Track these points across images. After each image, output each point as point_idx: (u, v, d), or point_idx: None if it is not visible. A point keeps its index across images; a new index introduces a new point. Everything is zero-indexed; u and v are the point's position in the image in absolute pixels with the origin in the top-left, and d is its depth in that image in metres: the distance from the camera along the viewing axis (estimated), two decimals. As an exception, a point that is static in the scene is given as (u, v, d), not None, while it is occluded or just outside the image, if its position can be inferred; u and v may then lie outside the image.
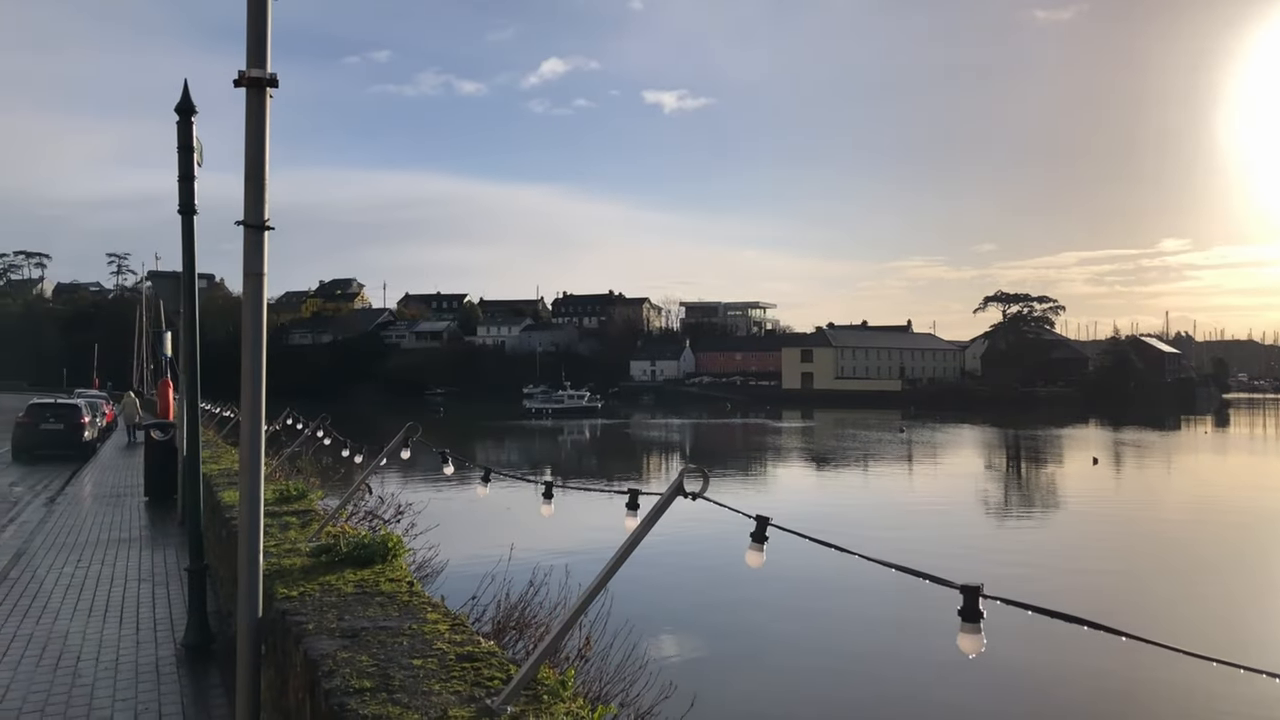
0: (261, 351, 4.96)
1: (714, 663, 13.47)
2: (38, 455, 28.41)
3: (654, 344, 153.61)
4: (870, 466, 48.21)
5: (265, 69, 4.90)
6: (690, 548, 18.78)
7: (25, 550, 12.37)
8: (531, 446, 66.34)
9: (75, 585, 10.18)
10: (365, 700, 3.44)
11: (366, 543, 5.88)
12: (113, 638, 8.08)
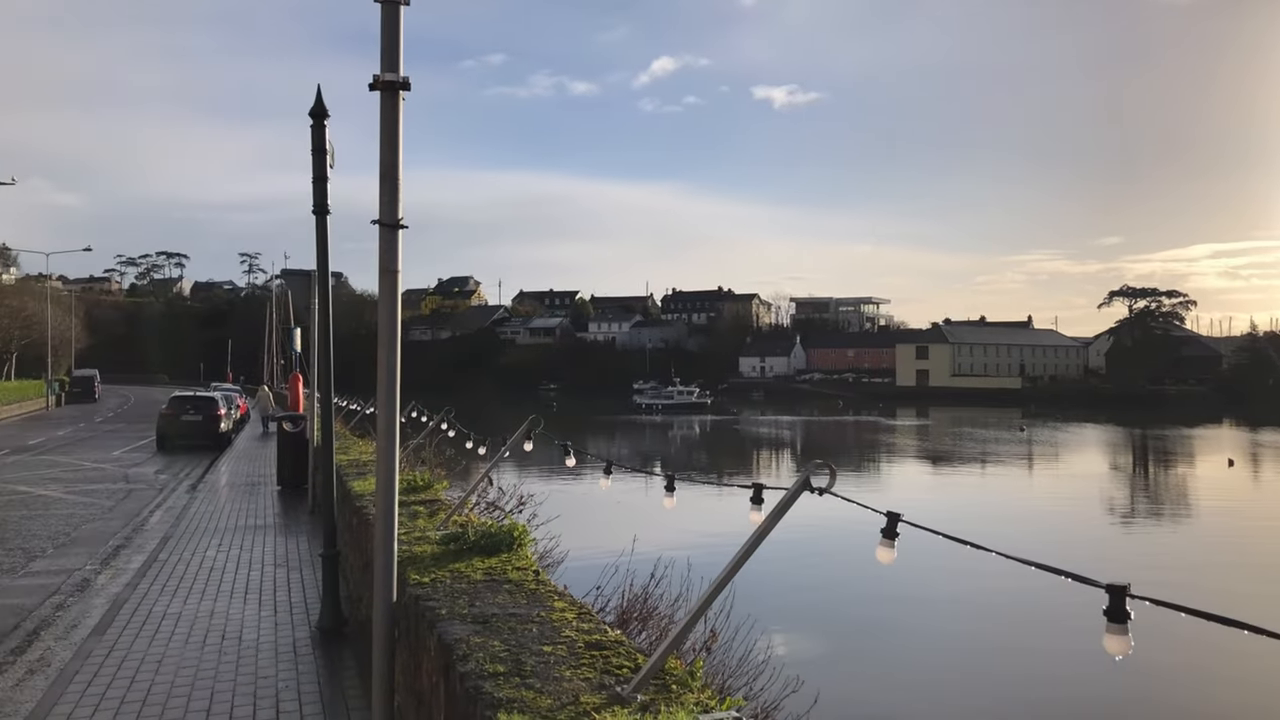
0: (396, 346, 5.15)
1: (836, 660, 13.35)
2: (178, 445, 30.06)
3: (763, 340, 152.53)
4: (989, 466, 46.86)
5: (398, 73, 5.07)
6: (808, 544, 18.62)
7: (171, 534, 13.11)
8: (642, 441, 66.77)
9: (217, 568, 10.74)
10: (499, 684, 3.54)
11: (493, 532, 6.03)
12: (253, 618, 8.51)
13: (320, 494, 9.65)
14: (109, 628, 8.20)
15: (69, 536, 13.43)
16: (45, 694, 6.48)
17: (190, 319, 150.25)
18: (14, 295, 69.83)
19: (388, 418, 5.08)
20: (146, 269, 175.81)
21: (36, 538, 13.26)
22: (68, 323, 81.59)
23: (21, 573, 10.85)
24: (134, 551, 12.06)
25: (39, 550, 12.29)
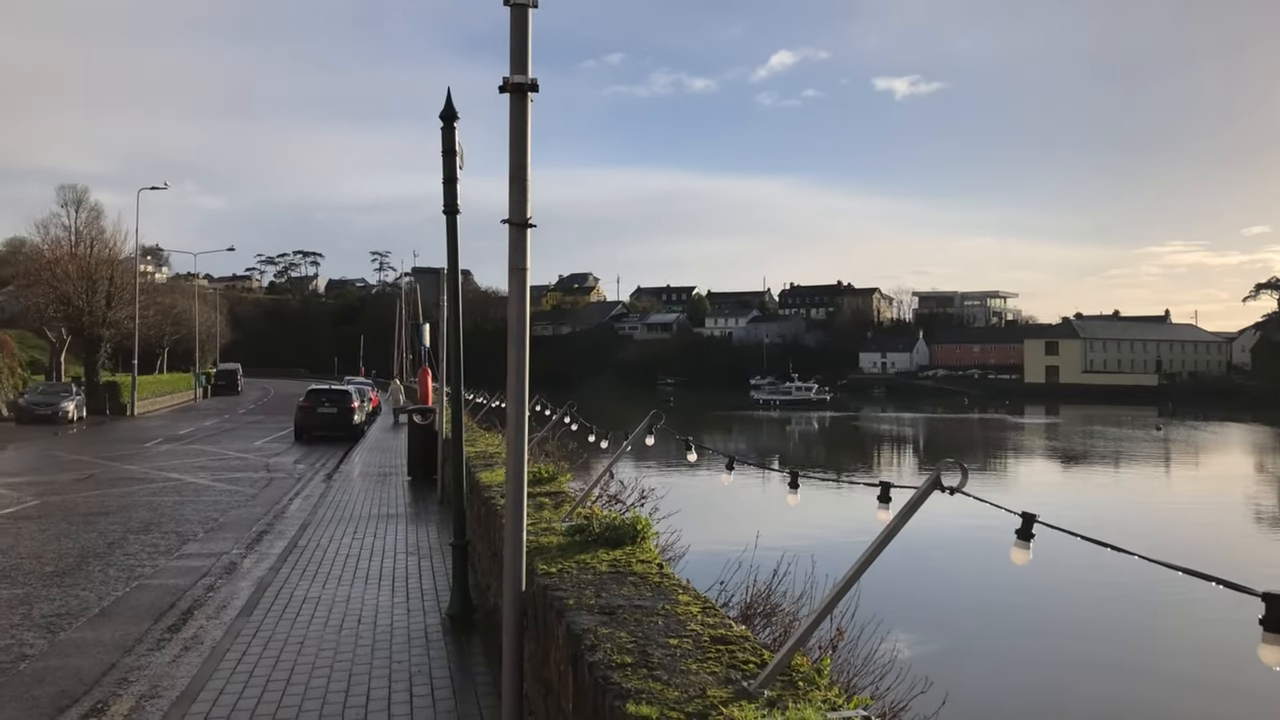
0: (525, 342, 5.28)
1: (964, 661, 13.02)
2: (315, 436, 31.44)
3: (884, 335, 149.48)
4: (1124, 466, 44.80)
5: (527, 75, 5.19)
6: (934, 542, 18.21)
7: (310, 522, 13.74)
8: (759, 436, 66.40)
9: (352, 555, 11.21)
10: (627, 675, 3.60)
11: (617, 525, 6.11)
12: (386, 605, 8.85)
13: (450, 485, 9.94)
14: (255, 609, 8.65)
15: (217, 522, 14.22)
16: (199, 670, 6.89)
17: (325, 315, 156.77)
18: (165, 293, 74.18)
19: (517, 412, 5.21)
20: (284, 267, 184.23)
21: (188, 522, 14.09)
22: (213, 319, 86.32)
23: (176, 555, 11.55)
24: (275, 537, 12.69)
25: (191, 534, 13.05)
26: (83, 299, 48.13)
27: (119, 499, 16.47)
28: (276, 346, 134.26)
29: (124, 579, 10.11)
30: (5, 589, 9.46)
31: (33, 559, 11.01)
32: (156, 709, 6.14)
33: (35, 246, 53.53)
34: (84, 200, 52.31)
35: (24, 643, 7.66)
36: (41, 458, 24.53)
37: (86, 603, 9.04)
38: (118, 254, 51.88)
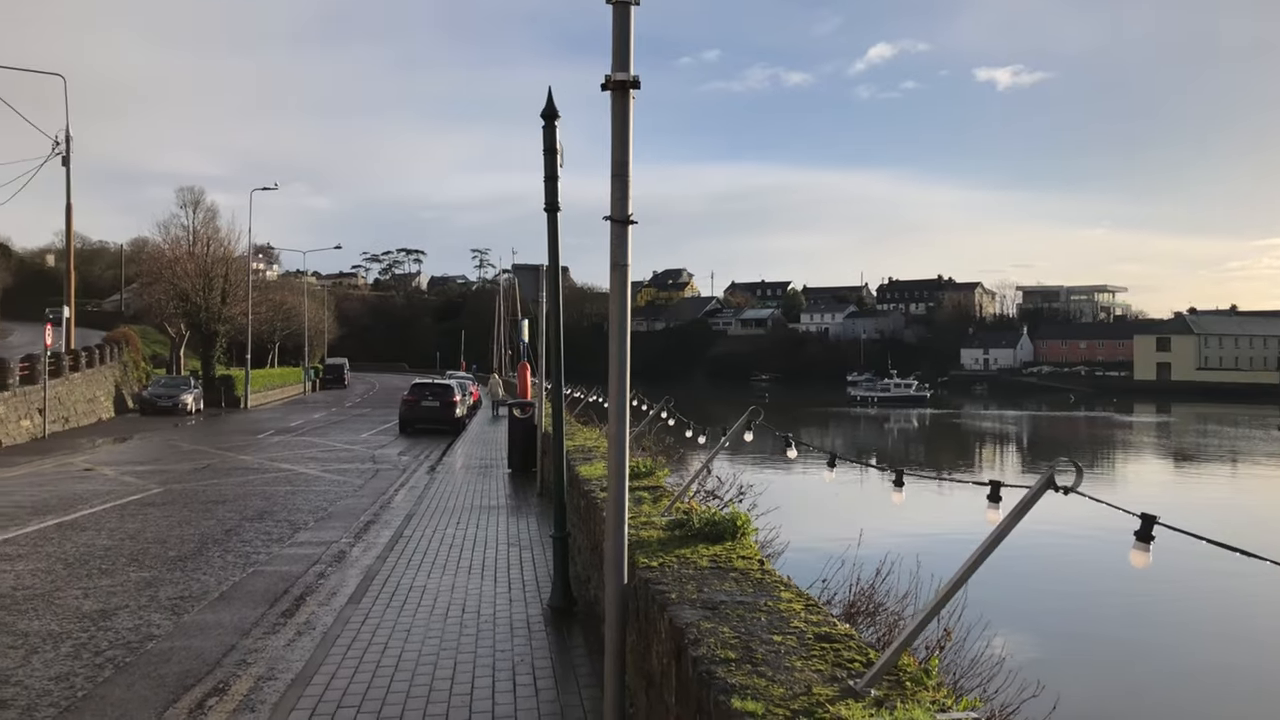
0: (626, 337, 5.32)
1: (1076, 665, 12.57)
2: (418, 429, 32.25)
3: (987, 331, 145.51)
4: (1241, 467, 42.70)
5: (629, 72, 5.22)
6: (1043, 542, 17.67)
7: (415, 512, 14.10)
8: (856, 433, 65.42)
9: (456, 545, 11.47)
10: (731, 670, 3.61)
11: (717, 520, 6.12)
12: (489, 595, 9.03)
13: (551, 478, 10.08)
14: (363, 597, 8.93)
15: (326, 511, 14.71)
16: (312, 654, 7.15)
17: (427, 311, 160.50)
18: (276, 290, 77.02)
19: (619, 406, 5.25)
20: (389, 265, 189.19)
21: (300, 511, 14.61)
22: (321, 315, 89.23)
23: (288, 543, 11.99)
24: (382, 527, 13.07)
25: (302, 523, 13.54)
26: (200, 296, 50.31)
27: (235, 488, 17.19)
28: (380, 342, 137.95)
29: (240, 565, 10.54)
30: (135, 571, 9.97)
31: (158, 544, 11.57)
32: (273, 690, 6.39)
33: (157, 246, 56.16)
34: (201, 201, 54.72)
35: (151, 623, 8.06)
36: (163, 447, 25.75)
37: (207, 587, 9.46)
38: (232, 252, 54.06)
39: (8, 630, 7.68)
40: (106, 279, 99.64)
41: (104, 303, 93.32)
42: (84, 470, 19.73)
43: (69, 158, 36.43)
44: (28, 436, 27.34)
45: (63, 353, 33.42)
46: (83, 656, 7.08)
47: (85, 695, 6.26)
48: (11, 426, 26.34)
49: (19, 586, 9.17)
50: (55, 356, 31.18)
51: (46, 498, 15.41)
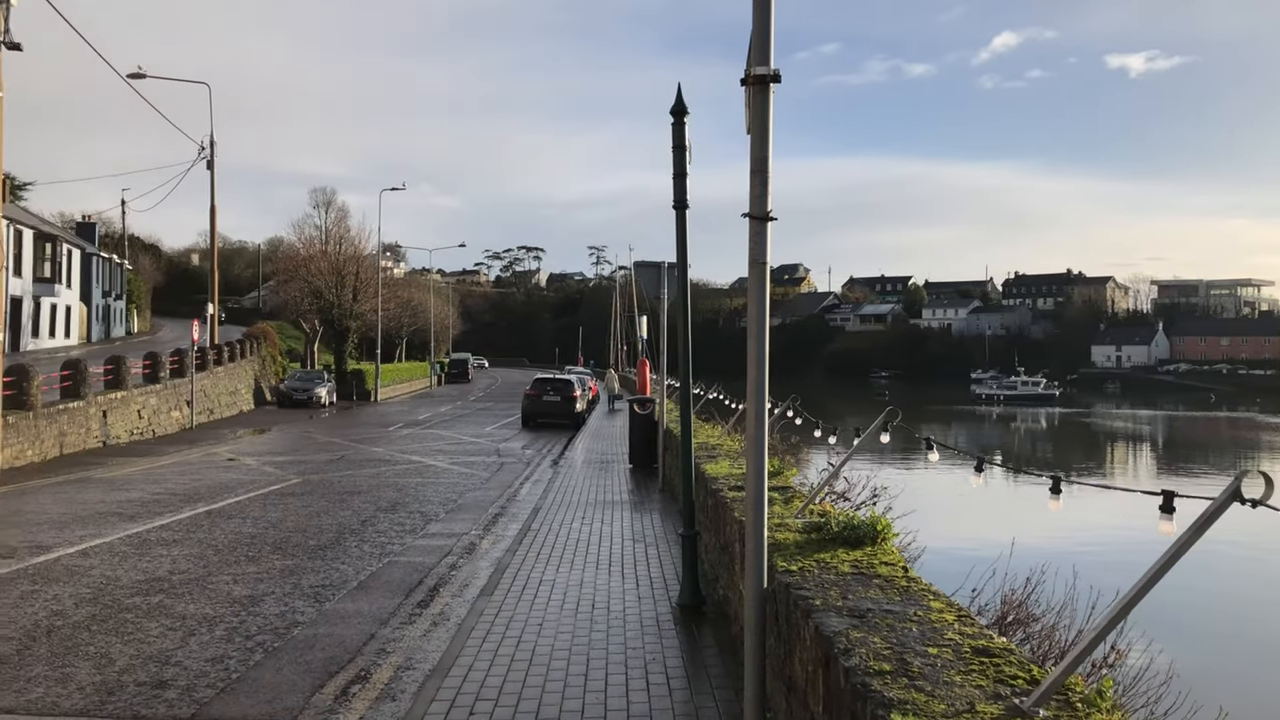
0: (765, 336, 5.22)
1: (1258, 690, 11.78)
2: (539, 423, 32.78)
3: (1119, 327, 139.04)
4: None
5: (769, 66, 5.12)
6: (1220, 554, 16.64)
7: (541, 506, 14.30)
8: (981, 432, 63.47)
9: (582, 540, 11.56)
10: (887, 683, 3.48)
11: (855, 524, 5.96)
12: (617, 591, 9.05)
13: (681, 476, 10.06)
14: (495, 589, 9.08)
15: (455, 503, 15.06)
16: (449, 645, 7.30)
17: (545, 307, 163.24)
18: (404, 287, 79.47)
19: (758, 406, 5.16)
20: (509, 262, 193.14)
21: (431, 503, 15.00)
22: (446, 311, 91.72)
23: (421, 534, 12.31)
24: (509, 520, 13.29)
25: (433, 515, 13.88)
26: (333, 293, 52.33)
27: (368, 479, 17.77)
28: (501, 337, 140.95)
29: (376, 555, 10.86)
30: (279, 560, 10.39)
31: (299, 533, 12.04)
32: (412, 680, 6.55)
33: (291, 245, 58.76)
34: (333, 202, 57.04)
35: (296, 610, 8.37)
36: (300, 439, 26.86)
37: (346, 576, 9.78)
38: (362, 251, 56.04)
39: (168, 613, 8.10)
40: (245, 277, 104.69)
41: (243, 300, 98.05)
42: (228, 460, 20.72)
43: (213, 162, 38.37)
44: (177, 427, 28.93)
45: (207, 348, 35.23)
46: (235, 640, 7.40)
47: (239, 678, 6.53)
48: (163, 417, 27.91)
49: (175, 571, 9.67)
50: (201, 351, 32.91)
51: (195, 486, 16.23)
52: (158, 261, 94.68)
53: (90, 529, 11.81)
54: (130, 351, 30.82)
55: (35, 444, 19.34)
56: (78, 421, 21.62)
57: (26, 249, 45.19)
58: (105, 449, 22.41)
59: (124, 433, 24.53)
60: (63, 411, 20.93)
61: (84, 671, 6.54)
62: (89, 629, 7.55)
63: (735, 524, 7.28)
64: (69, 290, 52.37)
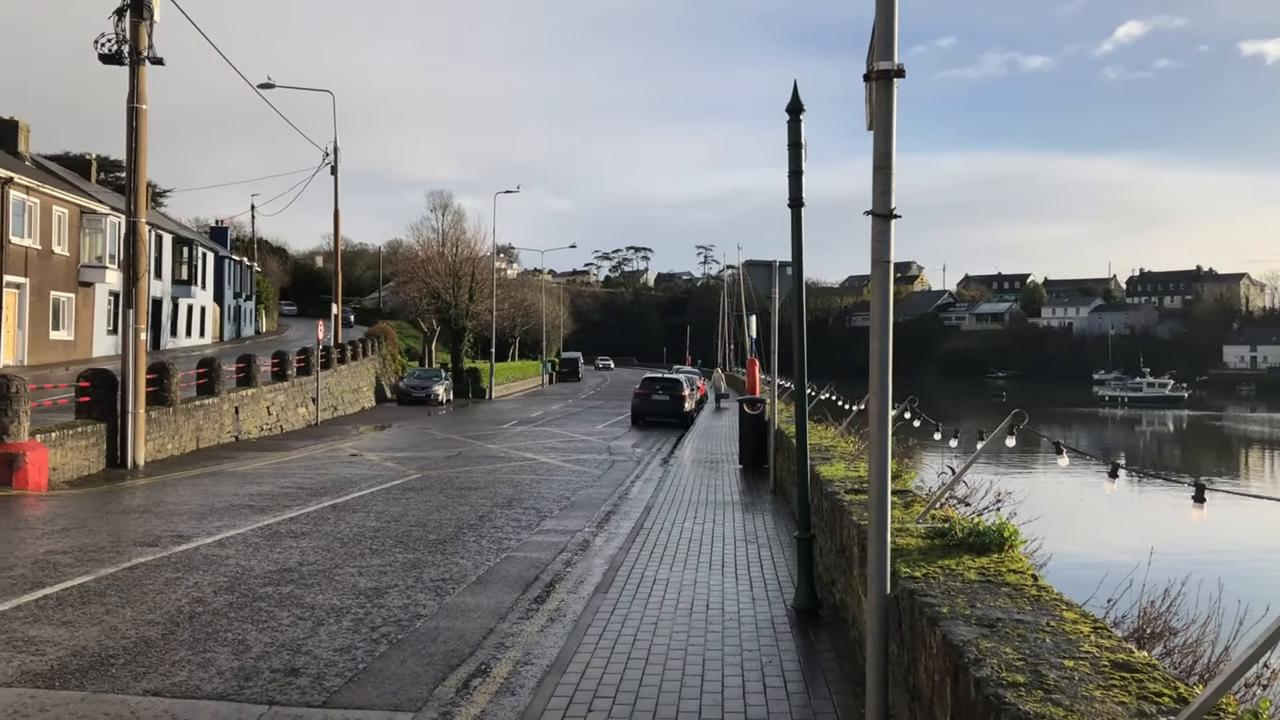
0: (888, 335, 5.14)
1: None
2: (648, 421, 32.94)
3: (1255, 326, 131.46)
4: None
5: (893, 61, 5.04)
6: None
7: (652, 505, 14.36)
8: (1105, 435, 60.94)
9: (694, 540, 11.56)
10: (1021, 696, 3.37)
11: (981, 530, 5.80)
12: (731, 592, 9.02)
13: (787, 477, 9.97)
14: (610, 587, 9.15)
15: (569, 500, 15.24)
16: (566, 641, 7.39)
17: (653, 307, 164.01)
18: (517, 288, 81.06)
19: (880, 407, 5.07)
20: (618, 262, 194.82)
21: (544, 500, 15.22)
22: (557, 311, 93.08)
23: (536, 530, 12.50)
24: (621, 518, 13.38)
25: (547, 511, 14.09)
26: (449, 293, 53.75)
27: (485, 475, 18.15)
28: (610, 336, 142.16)
29: (494, 550, 11.08)
30: (401, 553, 10.70)
31: (419, 527, 12.37)
32: (531, 675, 6.64)
33: (410, 247, 60.54)
34: (449, 205, 58.60)
35: (418, 603, 8.60)
36: (419, 435, 27.63)
37: (465, 570, 10.00)
38: (477, 252, 57.34)
39: (298, 603, 8.43)
40: (367, 278, 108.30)
41: (364, 300, 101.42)
42: (351, 455, 21.45)
43: (337, 167, 39.78)
44: (303, 423, 30.12)
45: (331, 347, 36.56)
46: (361, 631, 7.64)
47: (365, 668, 6.75)
48: (290, 413, 29.09)
49: (304, 562, 10.06)
50: (325, 350, 34.18)
51: (321, 480, 16.86)
52: (284, 263, 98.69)
53: (225, 520, 12.39)
54: (259, 350, 32.20)
55: (175, 438, 20.41)
56: (213, 417, 22.72)
57: (166, 253, 47.75)
58: (237, 444, 23.48)
59: (254, 428, 25.66)
60: (199, 407, 22.02)
61: (223, 657, 6.86)
62: (226, 616, 7.91)
63: (853, 527, 7.16)
64: (204, 292, 55.07)
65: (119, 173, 58.24)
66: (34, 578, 8.99)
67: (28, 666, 6.50)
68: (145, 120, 17.91)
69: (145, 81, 17.76)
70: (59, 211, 36.60)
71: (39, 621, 7.58)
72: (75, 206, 37.98)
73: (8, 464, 14.20)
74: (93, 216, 38.98)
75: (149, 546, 10.58)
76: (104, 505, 13.66)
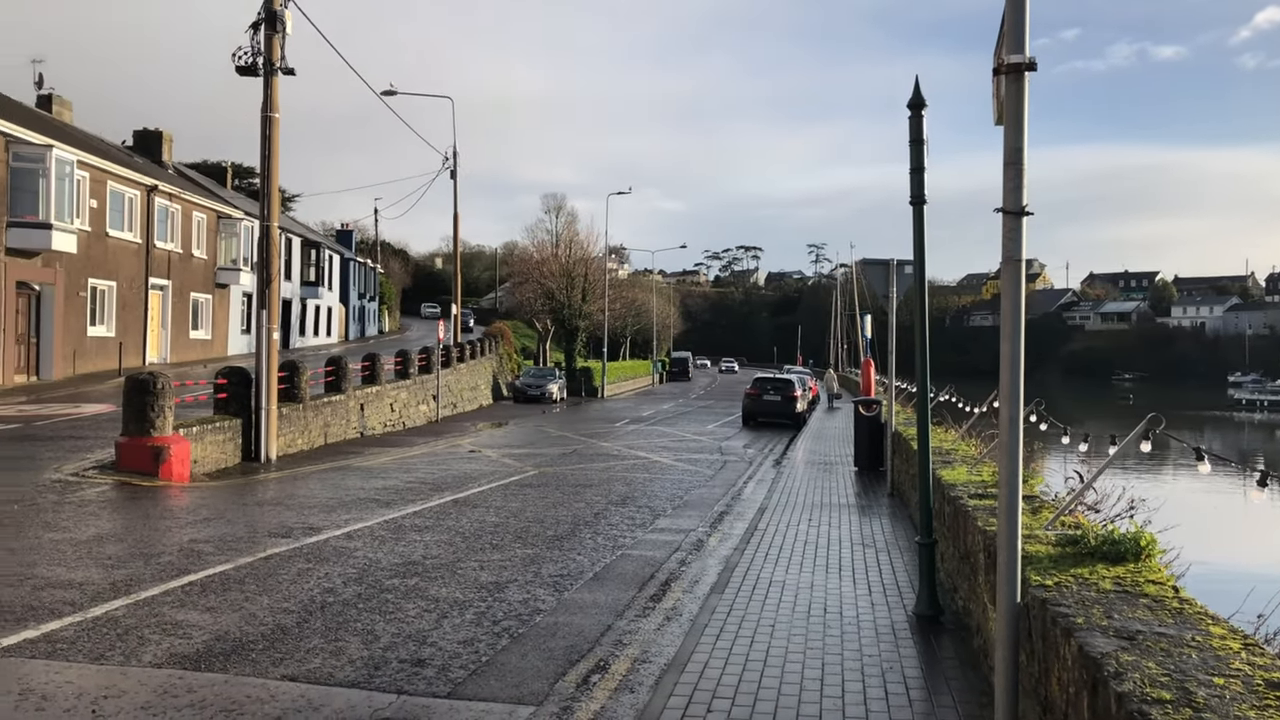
0: (1019, 337, 4.98)
1: None
2: (760, 422, 32.74)
3: None
4: None
5: (1024, 54, 4.90)
6: None
7: (766, 506, 14.27)
8: (1241, 440, 57.70)
9: (810, 542, 11.44)
10: (1168, 713, 3.22)
11: (1116, 538, 5.57)
12: (850, 596, 8.89)
13: (916, 481, 9.78)
14: (725, 587, 9.14)
15: (682, 500, 15.28)
16: (683, 641, 7.41)
17: (763, 306, 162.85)
18: (628, 288, 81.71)
19: (1011, 410, 4.93)
20: (728, 262, 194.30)
21: (658, 498, 15.30)
22: (667, 311, 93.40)
23: (649, 528, 12.58)
24: (735, 518, 13.34)
25: (661, 510, 14.16)
26: (563, 294, 54.60)
27: (599, 473, 18.35)
28: (719, 336, 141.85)
29: (609, 547, 11.19)
30: (520, 548, 10.92)
31: (537, 523, 12.60)
32: (649, 673, 6.69)
33: (525, 249, 61.70)
34: (563, 207, 59.54)
35: (537, 598, 8.75)
36: (534, 433, 28.12)
37: (582, 567, 10.13)
38: (590, 254, 58.04)
39: (423, 595, 8.69)
40: (484, 279, 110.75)
41: (481, 300, 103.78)
42: (470, 452, 21.99)
43: (456, 171, 40.82)
44: (424, 419, 31.01)
45: (451, 346, 37.54)
46: (483, 624, 7.83)
47: (488, 661, 6.91)
48: (412, 410, 30.00)
49: (428, 556, 10.36)
50: (445, 349, 35.11)
51: (442, 475, 17.33)
52: (406, 265, 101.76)
53: (353, 513, 12.86)
54: (383, 349, 33.28)
55: (304, 434, 21.28)
56: (339, 414, 23.60)
57: (295, 255, 49.84)
58: (362, 439, 24.33)
59: (378, 424, 26.54)
60: (327, 404, 22.90)
61: (353, 646, 7.12)
62: (356, 606, 8.21)
63: (977, 533, 6.98)
64: (330, 293, 57.24)
65: (251, 179, 61.11)
66: (180, 564, 9.51)
67: (176, 649, 6.88)
68: (277, 128, 18.72)
69: (278, 91, 18.56)
70: (198, 217, 38.60)
71: (185, 606, 8.01)
72: (212, 212, 39.99)
73: (154, 456, 15.05)
74: (228, 221, 40.98)
75: (283, 537, 11.07)
76: (240, 497, 14.35)
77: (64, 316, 28.96)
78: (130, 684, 6.16)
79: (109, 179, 31.62)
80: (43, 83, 37.87)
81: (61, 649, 6.79)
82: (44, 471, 14.45)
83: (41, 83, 37.87)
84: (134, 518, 12.04)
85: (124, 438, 15.27)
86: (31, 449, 16.44)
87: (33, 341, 28.22)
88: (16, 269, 26.96)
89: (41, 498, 12.68)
